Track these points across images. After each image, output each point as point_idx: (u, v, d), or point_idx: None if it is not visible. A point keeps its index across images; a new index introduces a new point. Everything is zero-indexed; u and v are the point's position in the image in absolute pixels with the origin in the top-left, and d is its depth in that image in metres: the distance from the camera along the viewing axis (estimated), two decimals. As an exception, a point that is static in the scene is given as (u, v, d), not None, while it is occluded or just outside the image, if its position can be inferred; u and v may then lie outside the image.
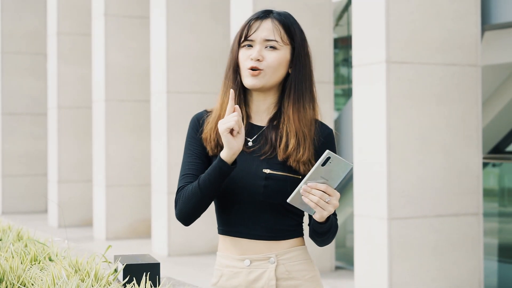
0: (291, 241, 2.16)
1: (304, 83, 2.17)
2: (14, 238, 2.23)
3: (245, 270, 2.14)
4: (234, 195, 2.12)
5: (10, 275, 1.65)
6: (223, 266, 2.18)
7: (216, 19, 8.39)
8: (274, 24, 2.14)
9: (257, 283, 2.13)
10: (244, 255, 2.14)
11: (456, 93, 5.25)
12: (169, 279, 1.90)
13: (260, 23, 2.14)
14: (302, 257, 2.17)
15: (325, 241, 2.14)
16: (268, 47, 2.13)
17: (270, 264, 2.13)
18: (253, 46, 2.14)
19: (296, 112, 2.13)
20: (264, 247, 2.13)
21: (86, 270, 1.71)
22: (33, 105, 12.70)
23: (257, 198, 2.10)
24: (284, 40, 2.14)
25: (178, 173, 9.50)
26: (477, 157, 5.32)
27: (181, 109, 8.27)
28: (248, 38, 2.14)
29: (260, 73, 2.11)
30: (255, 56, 2.11)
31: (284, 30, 2.14)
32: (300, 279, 2.15)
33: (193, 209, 2.10)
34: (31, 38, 12.71)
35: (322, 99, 6.99)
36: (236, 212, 2.14)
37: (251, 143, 2.16)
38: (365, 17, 5.19)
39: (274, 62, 2.12)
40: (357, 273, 5.26)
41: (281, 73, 2.15)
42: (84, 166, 10.91)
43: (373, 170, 5.10)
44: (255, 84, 2.12)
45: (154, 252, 8.42)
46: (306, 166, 2.10)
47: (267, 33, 2.13)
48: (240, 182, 2.11)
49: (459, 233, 5.25)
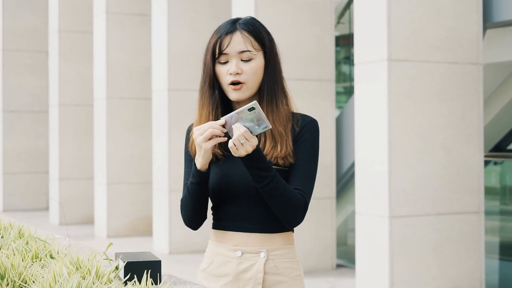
0: (283, 238, 2.25)
1: (276, 83, 2.26)
2: (15, 236, 2.23)
3: (235, 260, 2.24)
4: (229, 192, 2.22)
5: (11, 273, 1.64)
6: (214, 253, 2.28)
7: (217, 17, 8.38)
8: (243, 35, 2.22)
9: (246, 273, 2.23)
10: (236, 246, 2.24)
11: (457, 91, 5.24)
12: (170, 277, 1.90)
13: (230, 37, 2.22)
14: (290, 255, 2.27)
15: (272, 201, 2.14)
16: (244, 59, 2.21)
17: (260, 258, 2.22)
18: (229, 60, 2.21)
19: (270, 112, 2.22)
20: (256, 240, 2.23)
21: (87, 268, 1.70)
22: (34, 103, 12.69)
23: (251, 191, 2.20)
24: (256, 48, 2.22)
25: (179, 171, 9.46)
26: (478, 155, 5.32)
27: (182, 106, 8.27)
28: (223, 52, 2.21)
29: (242, 86, 2.20)
30: (234, 70, 2.19)
31: (254, 38, 2.23)
32: (286, 276, 2.25)
33: (191, 215, 2.24)
34: (32, 36, 12.71)
35: (324, 97, 6.99)
36: (231, 208, 2.24)
37: None
38: (366, 15, 5.18)
39: (252, 72, 2.21)
40: (358, 271, 5.26)
41: (260, 79, 2.25)
42: (85, 163, 10.92)
43: (374, 169, 5.10)
44: (240, 97, 2.22)
45: (155, 250, 8.42)
46: (284, 160, 2.19)
47: (240, 46, 2.21)
48: (233, 178, 2.22)
49: (460, 232, 5.25)
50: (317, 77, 6.92)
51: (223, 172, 2.23)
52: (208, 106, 2.24)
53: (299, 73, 6.74)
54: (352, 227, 7.41)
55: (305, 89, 6.79)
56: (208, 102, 2.24)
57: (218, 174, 2.23)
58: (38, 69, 12.71)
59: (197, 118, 2.27)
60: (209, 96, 2.24)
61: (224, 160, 2.24)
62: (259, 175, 2.11)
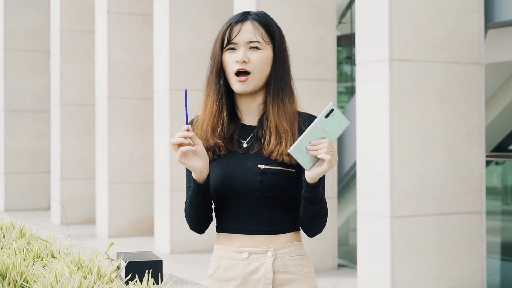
0: (289, 236, 2.21)
1: (283, 79, 2.21)
2: (17, 235, 2.23)
3: (243, 262, 2.18)
4: (232, 193, 2.17)
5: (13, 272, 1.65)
6: (220, 258, 2.22)
7: (218, 17, 8.38)
8: (254, 25, 2.18)
9: (254, 275, 2.17)
10: (242, 248, 2.18)
11: (459, 91, 5.24)
12: (171, 277, 1.90)
13: (240, 26, 2.18)
14: (298, 252, 2.23)
15: (315, 219, 2.15)
16: (252, 48, 2.17)
17: (268, 257, 2.17)
18: (237, 49, 2.17)
19: (276, 107, 2.17)
20: (262, 241, 2.17)
21: (89, 267, 1.70)
22: (36, 103, 12.70)
23: (255, 193, 2.15)
24: (265, 39, 2.18)
25: (181, 171, 9.44)
26: (480, 155, 5.31)
27: (183, 106, 8.27)
28: (231, 41, 2.17)
29: (247, 78, 2.16)
30: (241, 58, 2.15)
31: (264, 30, 2.19)
32: (296, 274, 2.20)
33: (196, 220, 2.21)
34: (34, 36, 12.72)
35: (325, 97, 6.99)
36: (235, 209, 2.18)
37: (245, 144, 2.21)
38: (368, 15, 5.18)
39: (259, 62, 2.17)
40: (360, 271, 5.26)
41: (266, 72, 2.20)
42: (86, 163, 10.92)
43: (375, 168, 5.09)
44: (245, 89, 2.17)
45: (157, 250, 8.42)
46: (290, 156, 2.13)
47: (249, 35, 2.17)
48: (237, 179, 2.16)
49: (461, 232, 5.24)
50: (319, 77, 6.92)
51: (226, 172, 2.17)
52: (212, 95, 2.20)
53: (300, 73, 6.74)
54: (353, 227, 7.41)
55: (306, 89, 6.79)
56: (213, 91, 2.20)
57: (220, 174, 2.17)
58: (40, 69, 12.71)
59: (202, 110, 2.22)
60: (215, 85, 2.20)
61: (226, 158, 2.19)
62: (321, 194, 2.10)
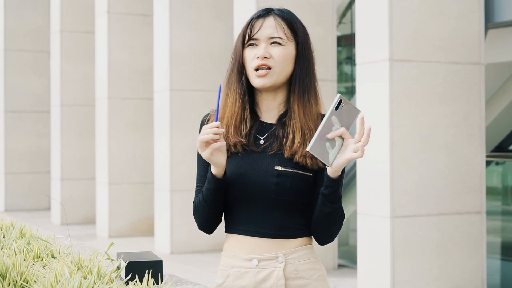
0: (299, 241, 2.12)
1: (308, 78, 2.15)
2: (17, 235, 2.23)
3: (252, 270, 2.10)
4: (245, 192, 2.09)
5: (13, 272, 1.64)
6: (229, 266, 2.14)
7: (219, 17, 8.38)
8: (276, 21, 2.12)
9: (266, 283, 2.09)
10: (251, 255, 2.10)
11: (459, 91, 5.24)
12: (171, 277, 1.90)
13: (262, 21, 2.12)
14: (309, 256, 2.13)
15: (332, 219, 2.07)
16: (274, 43, 2.11)
17: (278, 264, 2.09)
18: (258, 45, 2.11)
19: (302, 106, 2.11)
20: (272, 246, 2.09)
21: (89, 268, 1.70)
22: (36, 103, 12.71)
23: (268, 195, 2.07)
24: (288, 36, 2.11)
25: (181, 171, 9.42)
26: (480, 155, 5.31)
27: (183, 106, 8.27)
28: (253, 37, 2.11)
29: (267, 73, 2.09)
30: (262, 53, 2.08)
31: (287, 26, 2.12)
32: (309, 278, 2.12)
33: (206, 219, 2.13)
34: (34, 36, 12.72)
35: (325, 97, 6.98)
36: (246, 210, 2.10)
37: (262, 141, 2.13)
38: (368, 15, 5.18)
39: (281, 58, 2.09)
40: (360, 271, 5.26)
41: (288, 70, 2.12)
42: (87, 163, 10.92)
43: (376, 169, 5.09)
44: (265, 84, 2.10)
45: (157, 250, 8.42)
46: (313, 160, 2.07)
47: (271, 30, 2.10)
48: (251, 179, 2.08)
49: (462, 232, 5.24)
50: (319, 77, 6.87)
51: (240, 172, 2.09)
52: (234, 93, 2.12)
53: (301, 73, 6.73)
54: (354, 227, 7.41)
55: (307, 89, 6.79)
56: (235, 89, 2.12)
57: (234, 173, 2.09)
58: (40, 69, 12.72)
59: (220, 107, 2.13)
60: (236, 83, 2.12)
61: (242, 156, 2.11)
62: (340, 194, 2.02)
